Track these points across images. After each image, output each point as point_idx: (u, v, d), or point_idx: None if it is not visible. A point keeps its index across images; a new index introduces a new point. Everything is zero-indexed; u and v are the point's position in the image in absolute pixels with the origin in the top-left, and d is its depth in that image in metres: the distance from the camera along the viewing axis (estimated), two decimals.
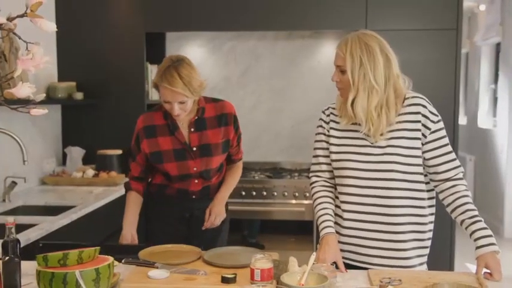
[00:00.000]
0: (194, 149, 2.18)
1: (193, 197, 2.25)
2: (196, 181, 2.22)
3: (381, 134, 1.78)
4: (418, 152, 1.79)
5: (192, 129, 2.18)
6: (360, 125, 1.81)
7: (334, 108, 1.91)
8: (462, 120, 7.31)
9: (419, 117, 1.78)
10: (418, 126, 1.78)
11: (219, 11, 3.66)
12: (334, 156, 1.86)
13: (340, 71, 1.82)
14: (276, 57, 4.22)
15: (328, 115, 1.92)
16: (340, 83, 1.83)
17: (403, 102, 1.81)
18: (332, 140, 1.87)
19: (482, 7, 6.24)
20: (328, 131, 1.89)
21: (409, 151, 1.78)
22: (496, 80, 6.42)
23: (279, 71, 4.22)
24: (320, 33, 4.16)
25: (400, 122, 1.79)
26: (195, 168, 2.19)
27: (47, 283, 1.34)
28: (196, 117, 2.18)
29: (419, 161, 1.80)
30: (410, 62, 1.92)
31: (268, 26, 3.75)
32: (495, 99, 6.42)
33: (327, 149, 1.89)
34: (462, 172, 1.82)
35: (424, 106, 1.79)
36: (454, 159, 1.80)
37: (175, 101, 2.06)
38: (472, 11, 6.71)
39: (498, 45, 6.26)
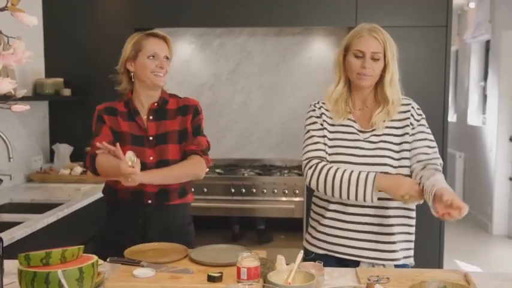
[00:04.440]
0: (151, 138, 2.05)
1: (149, 201, 2.03)
2: None
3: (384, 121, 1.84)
4: (408, 146, 1.84)
5: (151, 117, 2.08)
6: (354, 121, 1.87)
7: (324, 103, 1.93)
8: (452, 117, 7.34)
9: (408, 115, 1.86)
10: (407, 123, 1.85)
11: (208, 7, 3.64)
12: (329, 150, 1.87)
13: (373, 59, 1.82)
14: (266, 53, 4.20)
15: (319, 108, 1.92)
16: (372, 71, 1.83)
17: None
18: (326, 133, 1.88)
19: (472, 4, 6.26)
20: (322, 124, 1.89)
21: (400, 146, 1.84)
22: (485, 77, 6.45)
23: (269, 67, 4.20)
24: (310, 29, 4.15)
25: (391, 120, 1.86)
26: (151, 158, 2.02)
27: (28, 283, 1.31)
28: (156, 105, 2.09)
29: (409, 154, 1.84)
30: (400, 59, 1.92)
31: (258, 23, 3.73)
32: (484, 97, 6.45)
33: (325, 136, 1.88)
34: (441, 164, 1.86)
35: (412, 107, 1.89)
36: (435, 152, 1.85)
37: (163, 54, 2.04)
38: (462, 9, 6.73)
39: (487, 42, 6.29)
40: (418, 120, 1.87)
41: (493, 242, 5.60)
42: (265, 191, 3.60)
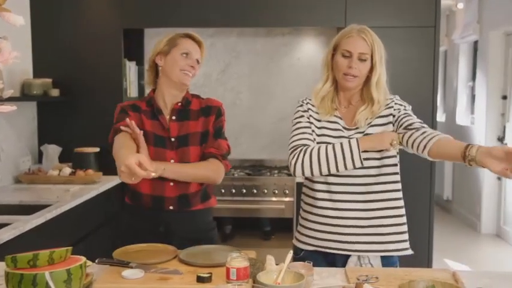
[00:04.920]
0: (172, 139, 1.99)
1: (170, 207, 1.99)
2: (171, 184, 1.97)
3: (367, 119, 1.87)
4: None
5: (174, 118, 2.02)
6: (340, 118, 1.90)
7: (310, 99, 1.97)
8: (441, 117, 7.38)
9: (391, 111, 1.88)
10: (390, 119, 1.88)
11: (197, 7, 3.63)
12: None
13: (360, 59, 1.83)
14: (255, 54, 4.20)
15: (306, 104, 1.96)
16: (358, 71, 1.84)
17: None
18: (313, 128, 1.91)
19: (460, 5, 6.30)
20: (309, 118, 1.92)
21: None
22: (473, 77, 6.50)
23: (258, 68, 4.20)
24: (299, 30, 4.16)
25: (376, 117, 1.89)
26: (172, 160, 1.97)
27: (15, 285, 1.30)
28: (180, 105, 2.04)
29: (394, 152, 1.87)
30: (389, 59, 1.94)
31: (247, 23, 3.73)
32: (473, 97, 6.50)
33: (310, 128, 1.90)
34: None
35: (394, 102, 1.91)
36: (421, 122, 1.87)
37: (196, 56, 2.02)
38: (450, 9, 6.78)
39: (476, 43, 6.33)
40: (398, 110, 1.87)
41: (482, 240, 5.64)
42: (255, 191, 3.60)
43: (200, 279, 1.51)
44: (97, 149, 3.60)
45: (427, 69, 3.58)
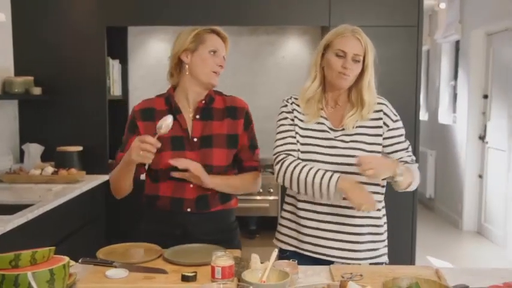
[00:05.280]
0: (195, 139, 1.90)
1: (188, 210, 1.91)
2: (191, 185, 1.90)
3: (352, 127, 1.85)
4: (379, 148, 1.86)
5: (198, 117, 1.93)
6: (326, 118, 1.88)
7: (296, 99, 1.94)
8: (423, 116, 7.46)
9: (381, 115, 1.87)
10: (380, 123, 1.86)
11: (182, 5, 3.61)
12: (301, 148, 1.88)
13: (354, 60, 1.82)
14: (240, 52, 4.19)
15: (291, 104, 1.93)
16: (350, 71, 1.82)
17: None
18: (297, 130, 1.89)
19: (443, 5, 6.37)
20: (293, 120, 1.89)
21: (371, 147, 1.84)
22: (455, 76, 6.58)
23: (243, 66, 4.20)
24: (284, 29, 4.16)
25: (364, 119, 1.87)
26: None
27: None
28: (204, 103, 1.95)
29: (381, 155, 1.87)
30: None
31: (232, 21, 3.72)
32: (455, 96, 6.58)
33: (295, 131, 1.88)
34: (413, 160, 1.91)
35: (386, 106, 1.90)
36: (409, 155, 1.89)
37: (222, 53, 1.95)
38: (433, 9, 6.85)
39: (457, 42, 6.41)
40: (394, 121, 1.88)
41: (463, 238, 5.71)
42: None
43: (185, 278, 1.51)
44: (80, 148, 3.57)
45: (410, 69, 3.61)
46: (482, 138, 5.72)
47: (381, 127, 1.86)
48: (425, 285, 1.39)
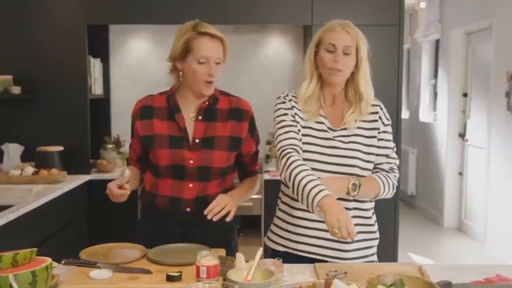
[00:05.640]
0: (196, 140, 1.86)
1: (187, 209, 1.89)
2: (191, 185, 1.87)
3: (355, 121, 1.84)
4: (375, 150, 1.86)
5: (200, 118, 1.88)
6: (325, 117, 1.85)
7: (294, 96, 1.89)
8: (405, 114, 7.53)
9: (376, 117, 1.87)
10: (376, 125, 1.87)
11: (163, 3, 3.59)
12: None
13: (344, 53, 1.79)
14: None
15: (289, 101, 1.88)
16: (341, 65, 1.79)
17: None
18: (298, 126, 1.85)
19: (423, 4, 6.43)
20: (294, 116, 1.85)
21: (368, 148, 1.85)
22: (436, 75, 6.66)
23: (226, 65, 4.17)
24: (266, 27, 4.17)
25: (362, 120, 1.86)
26: (191, 161, 1.85)
27: None
28: (207, 104, 1.89)
29: (374, 158, 1.86)
30: None
31: (214, 20, 3.63)
32: (435, 94, 6.65)
33: (296, 127, 1.83)
34: (395, 164, 1.91)
35: (381, 109, 1.90)
36: (388, 162, 1.89)
37: (215, 58, 1.81)
38: (413, 8, 6.91)
39: (437, 41, 6.48)
40: (385, 125, 1.88)
41: (444, 234, 5.79)
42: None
43: (170, 278, 1.50)
44: (61, 148, 3.53)
45: (391, 68, 3.65)
46: (462, 136, 5.80)
47: (377, 129, 1.85)
48: (409, 282, 1.40)
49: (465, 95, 5.76)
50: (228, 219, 1.82)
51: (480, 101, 5.35)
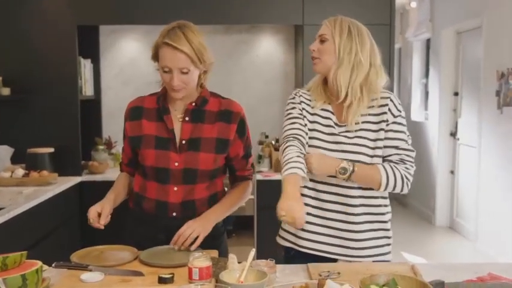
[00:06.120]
0: (183, 142, 1.83)
1: (174, 214, 1.85)
2: (175, 188, 1.84)
3: (356, 123, 1.79)
4: (382, 143, 1.82)
5: (187, 119, 1.85)
6: (333, 113, 1.83)
7: (304, 93, 1.90)
8: None
9: (385, 109, 1.82)
10: (384, 118, 1.81)
11: (154, 3, 3.58)
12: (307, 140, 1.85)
13: (321, 40, 1.81)
14: (214, 51, 4.12)
15: (299, 96, 1.89)
16: (317, 52, 1.81)
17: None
18: (305, 120, 1.85)
19: (414, 4, 6.46)
20: (301, 111, 1.86)
21: (375, 143, 1.81)
22: (427, 74, 6.68)
23: (217, 65, 4.08)
24: (258, 27, 4.16)
25: (368, 114, 1.82)
26: (176, 163, 1.82)
27: None
28: (194, 105, 1.87)
29: (381, 152, 1.82)
30: None
31: (205, 20, 3.70)
32: (426, 93, 6.68)
33: (303, 119, 1.84)
34: (408, 156, 1.85)
35: (391, 100, 1.83)
36: (397, 154, 1.82)
37: (176, 67, 1.74)
38: (404, 8, 6.94)
39: (428, 40, 6.51)
40: (395, 116, 1.82)
41: (436, 233, 5.81)
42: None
43: (162, 280, 1.49)
44: (51, 149, 3.50)
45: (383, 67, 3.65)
46: (453, 134, 5.83)
47: (385, 121, 1.80)
48: (402, 282, 1.40)
49: (456, 94, 5.79)
50: (193, 247, 1.73)
51: (471, 99, 5.38)
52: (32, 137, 3.57)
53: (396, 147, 1.82)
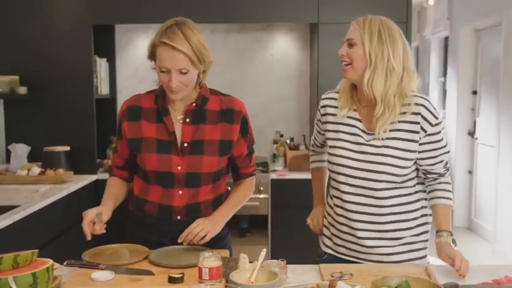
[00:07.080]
0: (185, 144, 1.77)
1: (178, 217, 1.81)
2: (180, 192, 1.79)
3: (384, 131, 1.69)
4: (413, 155, 1.72)
5: (188, 120, 1.78)
6: (359, 120, 1.76)
7: (332, 97, 1.84)
8: None
9: (419, 118, 1.70)
10: (417, 128, 1.70)
11: (169, 2, 3.58)
12: (330, 150, 1.81)
13: (349, 45, 1.70)
14: (228, 50, 4.17)
15: (324, 99, 1.87)
16: (347, 57, 1.70)
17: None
18: (328, 126, 1.82)
19: (431, 2, 6.38)
20: (323, 115, 1.86)
21: (404, 153, 1.70)
22: (445, 73, 6.60)
23: (231, 64, 4.17)
24: (272, 26, 4.14)
25: (399, 121, 1.70)
26: (179, 167, 1.76)
27: None
28: (194, 105, 1.80)
29: (412, 163, 1.73)
30: None
31: (220, 19, 3.70)
32: (444, 92, 6.59)
33: (319, 126, 1.92)
34: (445, 168, 1.80)
35: (425, 107, 1.71)
36: (431, 166, 1.76)
37: (175, 68, 1.67)
38: (421, 5, 6.86)
39: (446, 39, 6.42)
40: (432, 126, 1.71)
41: (454, 233, 5.72)
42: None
43: (172, 280, 1.48)
44: (67, 148, 3.53)
45: None
46: (471, 134, 5.74)
47: (417, 132, 1.69)
48: (415, 284, 1.38)
49: (475, 92, 5.70)
50: (202, 241, 1.74)
51: (490, 98, 5.29)
52: (48, 136, 3.60)
53: (434, 158, 1.75)
